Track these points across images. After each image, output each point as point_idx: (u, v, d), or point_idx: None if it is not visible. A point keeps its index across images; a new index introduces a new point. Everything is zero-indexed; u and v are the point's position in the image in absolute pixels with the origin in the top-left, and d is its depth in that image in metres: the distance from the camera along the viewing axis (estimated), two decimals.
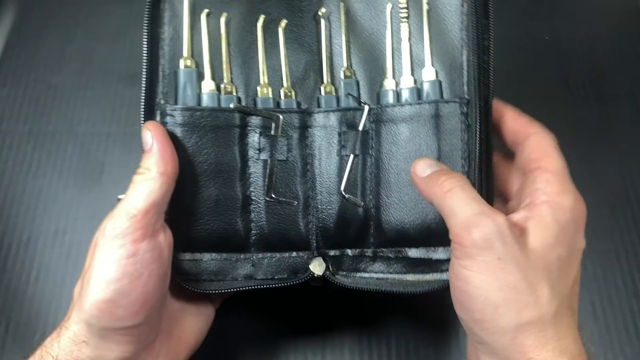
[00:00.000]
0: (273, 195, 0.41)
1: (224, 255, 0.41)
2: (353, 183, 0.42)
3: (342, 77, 0.43)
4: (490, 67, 0.39)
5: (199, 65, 0.41)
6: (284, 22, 0.43)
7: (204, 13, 0.41)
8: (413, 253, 0.41)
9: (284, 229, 0.42)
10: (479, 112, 0.38)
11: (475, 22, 0.39)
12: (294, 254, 0.42)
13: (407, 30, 0.42)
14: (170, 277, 0.38)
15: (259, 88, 0.42)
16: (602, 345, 0.49)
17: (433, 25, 0.41)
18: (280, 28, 0.43)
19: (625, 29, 0.65)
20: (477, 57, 0.39)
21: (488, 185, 0.39)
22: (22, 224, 0.55)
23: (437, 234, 0.38)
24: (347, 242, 0.42)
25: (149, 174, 0.36)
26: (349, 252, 0.42)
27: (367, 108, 0.42)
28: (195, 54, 0.41)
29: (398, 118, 0.41)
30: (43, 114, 0.60)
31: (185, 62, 0.41)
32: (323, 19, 0.43)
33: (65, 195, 0.56)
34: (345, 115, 0.42)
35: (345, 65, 0.43)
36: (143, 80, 0.40)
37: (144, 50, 0.40)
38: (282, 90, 0.42)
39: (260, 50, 0.42)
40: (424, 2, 0.41)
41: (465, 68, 0.40)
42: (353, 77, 0.43)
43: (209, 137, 0.40)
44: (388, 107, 0.41)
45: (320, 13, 0.43)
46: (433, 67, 0.41)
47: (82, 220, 0.55)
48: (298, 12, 0.43)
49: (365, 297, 0.42)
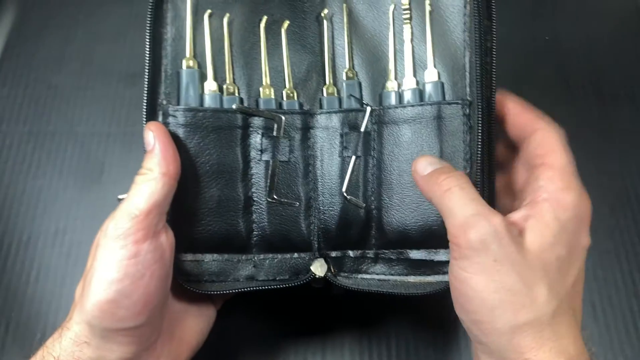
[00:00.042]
0: (275, 196, 0.41)
1: (226, 256, 0.41)
2: (355, 184, 0.42)
3: (344, 78, 0.43)
4: (493, 68, 0.39)
5: (202, 66, 0.41)
6: (287, 23, 0.43)
7: (207, 14, 0.41)
8: (415, 255, 0.41)
9: (286, 230, 0.42)
10: (481, 113, 0.38)
11: (478, 23, 0.39)
12: (296, 255, 0.42)
13: (409, 32, 0.42)
14: (172, 277, 0.38)
15: (262, 89, 0.42)
16: (602, 345, 0.49)
17: (435, 27, 0.41)
18: (283, 29, 0.43)
19: (625, 29, 0.65)
20: (479, 58, 0.39)
21: (490, 187, 0.39)
22: (22, 224, 0.55)
23: (438, 236, 0.38)
24: (348, 243, 0.42)
25: (151, 175, 0.36)
26: (351, 253, 0.42)
27: (369, 109, 0.42)
28: (198, 55, 0.41)
29: (400, 119, 0.41)
30: (43, 114, 0.60)
31: (188, 62, 0.40)
32: (325, 20, 0.43)
33: (65, 195, 0.56)
34: (348, 117, 0.42)
35: (348, 67, 0.43)
36: (145, 81, 0.39)
37: (147, 51, 0.40)
38: (284, 91, 0.42)
39: (263, 51, 0.42)
40: (427, 3, 0.41)
41: (468, 69, 0.40)
42: (355, 78, 0.43)
43: (211, 137, 0.40)
44: (390, 108, 0.41)
45: (323, 14, 0.43)
46: (435, 68, 0.41)
47: (82, 220, 0.55)
48: (301, 13, 0.43)
49: (366, 297, 0.42)
